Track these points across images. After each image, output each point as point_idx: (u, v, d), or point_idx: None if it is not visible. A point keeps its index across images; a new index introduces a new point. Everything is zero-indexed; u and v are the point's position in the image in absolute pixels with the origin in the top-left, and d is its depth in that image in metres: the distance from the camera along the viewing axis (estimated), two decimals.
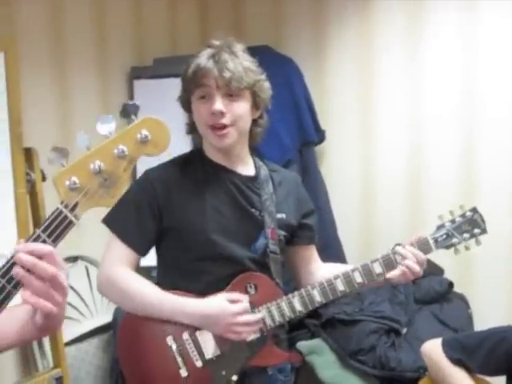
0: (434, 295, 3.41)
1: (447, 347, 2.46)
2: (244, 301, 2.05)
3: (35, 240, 1.28)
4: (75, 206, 1.29)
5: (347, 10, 3.86)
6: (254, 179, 2.20)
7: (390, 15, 3.71)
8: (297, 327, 3.49)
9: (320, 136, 3.91)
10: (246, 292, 2.09)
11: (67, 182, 1.28)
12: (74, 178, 1.28)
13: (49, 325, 1.38)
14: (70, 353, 3.15)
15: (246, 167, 2.22)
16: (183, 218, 2.09)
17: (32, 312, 1.37)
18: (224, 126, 2.04)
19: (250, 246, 2.13)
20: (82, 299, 3.27)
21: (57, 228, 1.28)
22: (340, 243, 3.88)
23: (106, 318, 3.31)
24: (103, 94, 3.65)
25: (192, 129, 2.21)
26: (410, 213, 3.72)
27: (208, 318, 2.02)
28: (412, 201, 3.72)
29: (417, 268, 2.09)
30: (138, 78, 3.75)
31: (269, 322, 2.08)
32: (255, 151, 3.50)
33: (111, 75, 3.72)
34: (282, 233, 2.18)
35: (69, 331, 3.15)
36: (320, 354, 3.31)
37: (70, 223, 1.29)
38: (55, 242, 1.29)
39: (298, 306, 2.10)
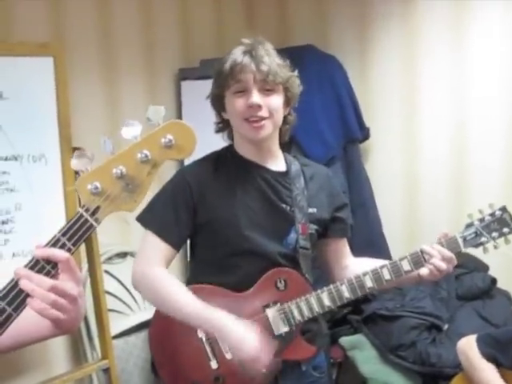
0: (476, 291, 3.40)
1: (481, 342, 2.48)
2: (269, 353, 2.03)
3: (55, 243, 1.31)
4: (96, 209, 1.33)
5: (391, 8, 3.87)
6: (284, 174, 2.22)
7: (435, 13, 3.70)
8: (340, 323, 3.54)
9: (364, 133, 3.92)
10: (276, 287, 2.13)
11: (89, 186, 1.32)
12: (96, 183, 1.32)
13: (60, 327, 1.40)
14: (118, 345, 3.24)
15: (277, 163, 2.25)
16: (216, 215, 2.13)
17: None
18: (261, 119, 2.08)
19: (281, 241, 2.16)
20: (131, 294, 3.34)
21: (77, 232, 1.32)
22: (385, 240, 3.89)
23: (153, 312, 3.38)
24: (151, 95, 3.72)
25: (222, 127, 2.26)
26: (455, 208, 3.70)
27: (237, 340, 2.00)
28: (456, 196, 3.72)
29: (443, 266, 2.10)
30: (185, 79, 3.81)
31: (298, 316, 2.11)
32: (299, 149, 3.59)
33: (159, 77, 3.78)
34: (314, 227, 2.20)
35: (117, 324, 3.25)
36: (361, 349, 3.34)
37: (91, 227, 1.32)
38: (75, 245, 1.32)
39: (327, 302, 2.12)
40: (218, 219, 2.14)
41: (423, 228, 3.83)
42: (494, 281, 3.47)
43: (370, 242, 3.73)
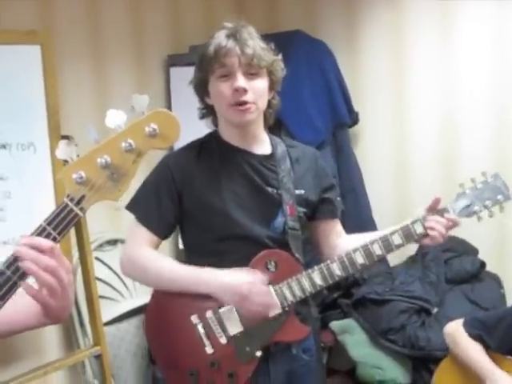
0: (465, 275, 3.43)
1: (468, 325, 2.51)
2: (261, 275, 2.09)
3: (41, 233, 1.33)
4: (82, 199, 1.34)
5: None
6: (269, 157, 2.21)
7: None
8: (330, 307, 3.56)
9: (353, 118, 3.93)
10: (267, 269, 2.12)
11: (74, 176, 1.33)
12: (81, 172, 1.34)
13: (49, 315, 1.43)
14: (110, 332, 3.26)
15: (262, 146, 2.23)
16: (201, 201, 2.14)
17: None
18: (246, 103, 2.07)
19: (269, 224, 2.16)
20: (122, 280, 3.36)
21: (62, 221, 1.33)
22: (375, 225, 3.89)
23: (145, 298, 3.38)
24: (140, 81, 3.73)
25: (206, 113, 2.25)
26: (445, 193, 3.70)
27: (222, 285, 2.07)
28: (446, 181, 3.71)
29: (443, 230, 2.10)
30: (174, 65, 3.81)
31: (290, 297, 2.11)
32: (288, 134, 3.59)
33: (148, 63, 3.78)
34: (302, 209, 2.20)
35: (108, 311, 3.27)
36: (351, 333, 3.37)
37: (76, 216, 1.34)
38: (60, 234, 1.33)
39: (318, 281, 2.11)
40: (204, 205, 2.14)
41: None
42: (483, 264, 3.49)
43: (360, 227, 3.64)
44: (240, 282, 2.07)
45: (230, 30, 2.10)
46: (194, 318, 2.12)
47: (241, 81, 2.05)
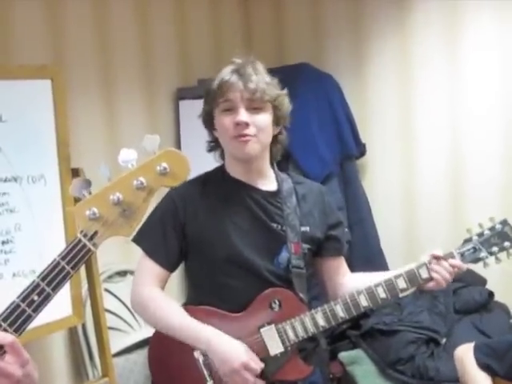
0: (473, 305, 3.44)
1: (478, 351, 2.46)
2: (258, 364, 2.07)
3: (55, 267, 1.36)
4: (94, 234, 1.38)
5: (385, 25, 3.93)
6: (275, 194, 2.22)
7: (429, 28, 3.76)
8: (339, 338, 3.56)
9: (360, 149, 3.96)
10: (271, 307, 2.12)
11: (87, 212, 1.37)
12: (94, 209, 1.38)
13: None
14: (119, 363, 3.27)
15: (267, 182, 2.24)
16: (205, 234, 2.15)
17: None
18: (246, 135, 2.09)
19: (272, 259, 2.16)
20: (131, 312, 3.36)
21: (76, 256, 1.37)
22: (383, 255, 3.92)
23: (154, 330, 3.42)
24: (150, 114, 3.77)
25: (214, 146, 2.27)
26: (453, 223, 3.73)
27: (218, 351, 2.05)
28: (454, 210, 3.75)
29: (447, 276, 2.12)
30: (183, 98, 3.86)
31: (292, 337, 2.11)
32: (296, 166, 3.62)
33: (157, 96, 3.83)
34: (307, 246, 2.20)
35: (118, 342, 3.28)
36: (360, 364, 3.36)
37: (89, 251, 1.38)
38: (74, 269, 1.37)
39: (321, 322, 2.11)
40: (207, 238, 2.16)
41: (422, 243, 3.85)
42: (491, 294, 3.50)
43: (369, 259, 3.76)
44: (236, 356, 2.04)
45: (236, 65, 2.14)
46: (197, 353, 2.11)
47: (242, 115, 2.08)
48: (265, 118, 2.13)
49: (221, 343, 2.05)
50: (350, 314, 2.12)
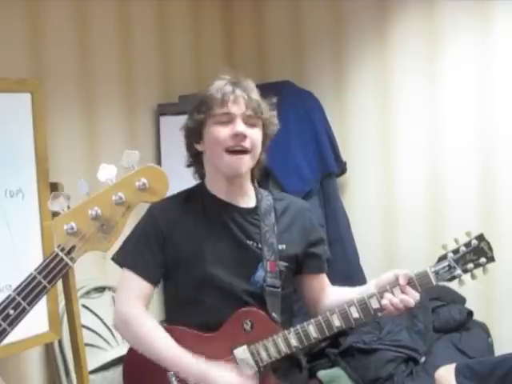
0: (453, 324, 3.44)
1: (460, 375, 2.42)
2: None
3: (31, 281, 1.34)
4: (72, 249, 1.37)
5: (366, 45, 3.96)
6: (253, 211, 2.20)
7: (408, 47, 3.80)
8: (318, 356, 3.54)
9: (341, 167, 3.97)
10: (243, 329, 2.10)
11: (65, 227, 1.36)
12: (72, 223, 1.37)
13: None
14: (96, 380, 3.23)
15: (247, 199, 2.22)
16: (181, 253, 2.13)
17: None
18: (244, 151, 2.07)
19: (248, 278, 2.14)
20: (109, 328, 3.34)
21: (52, 270, 1.36)
22: (363, 273, 3.91)
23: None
24: (130, 130, 3.76)
25: (195, 160, 2.24)
26: (432, 240, 3.74)
27: (206, 378, 2.03)
28: (434, 230, 3.76)
29: (400, 305, 2.02)
30: (163, 114, 3.86)
31: (265, 358, 2.08)
32: (276, 184, 3.62)
33: (138, 112, 3.83)
34: (284, 264, 2.17)
35: (95, 359, 3.25)
36: (339, 382, 3.34)
37: (66, 266, 1.36)
38: (50, 283, 1.35)
39: (294, 342, 2.07)
40: (183, 257, 2.14)
41: (401, 260, 3.85)
42: (470, 313, 3.50)
43: (348, 276, 3.74)
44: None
45: (233, 78, 2.12)
46: (170, 374, 2.08)
47: (241, 126, 2.06)
48: (258, 134, 2.13)
49: (209, 369, 2.03)
50: (323, 334, 2.08)
